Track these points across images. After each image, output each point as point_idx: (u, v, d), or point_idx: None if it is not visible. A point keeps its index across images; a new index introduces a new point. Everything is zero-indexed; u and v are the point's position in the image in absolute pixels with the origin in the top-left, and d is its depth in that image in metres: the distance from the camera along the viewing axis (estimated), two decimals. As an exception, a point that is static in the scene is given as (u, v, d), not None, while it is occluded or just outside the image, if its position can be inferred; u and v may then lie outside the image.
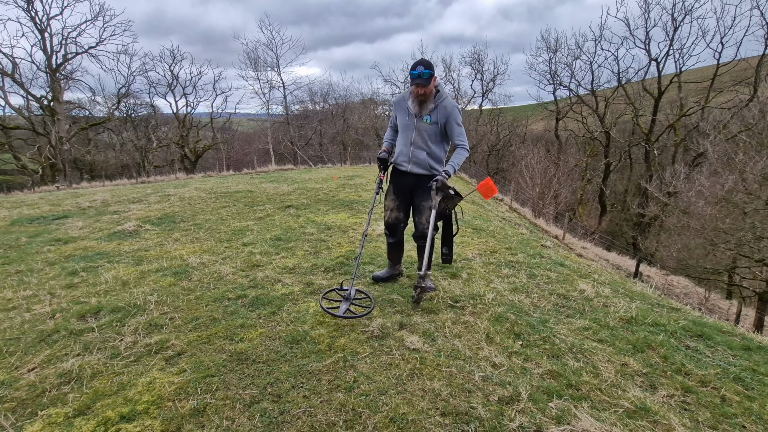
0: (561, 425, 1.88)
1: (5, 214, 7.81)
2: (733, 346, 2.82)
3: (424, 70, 3.02)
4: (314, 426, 1.91)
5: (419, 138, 3.23)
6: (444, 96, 3.18)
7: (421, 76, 3.03)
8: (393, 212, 3.46)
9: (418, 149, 3.25)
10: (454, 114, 3.17)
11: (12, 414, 2.04)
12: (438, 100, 3.15)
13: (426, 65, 3.04)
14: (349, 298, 2.98)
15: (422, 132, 3.21)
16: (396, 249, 3.63)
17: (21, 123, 26.29)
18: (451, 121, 3.17)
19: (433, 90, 3.12)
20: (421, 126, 3.20)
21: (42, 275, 4.15)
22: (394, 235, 3.52)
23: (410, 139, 3.25)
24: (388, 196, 3.51)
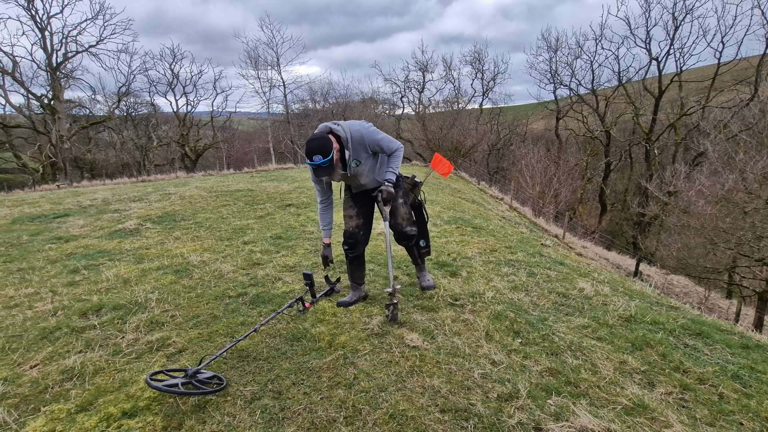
0: (559, 422, 1.89)
1: (6, 212, 7.83)
2: (731, 345, 2.83)
3: (323, 160, 2.62)
4: (314, 422, 1.93)
5: (368, 176, 3.00)
6: (347, 136, 2.78)
7: (321, 167, 2.66)
8: (353, 219, 3.16)
9: (372, 180, 3.03)
10: (373, 139, 2.86)
11: (15, 410, 2.05)
12: (347, 145, 2.79)
13: (322, 152, 2.62)
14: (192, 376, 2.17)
15: (362, 173, 2.96)
16: (358, 266, 3.26)
17: (22, 121, 26.29)
18: (376, 143, 2.88)
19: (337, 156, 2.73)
20: (356, 171, 2.92)
21: (43, 273, 4.17)
22: (354, 247, 3.15)
23: (359, 182, 3.03)
24: (345, 204, 3.22)
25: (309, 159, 2.66)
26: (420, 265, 3.50)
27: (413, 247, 3.38)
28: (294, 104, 35.03)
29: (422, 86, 34.51)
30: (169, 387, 2.03)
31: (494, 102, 36.20)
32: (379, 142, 2.91)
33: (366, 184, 3.08)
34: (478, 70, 35.02)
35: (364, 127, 2.88)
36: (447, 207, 8.01)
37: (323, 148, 2.64)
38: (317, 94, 37.09)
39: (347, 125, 2.85)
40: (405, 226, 3.15)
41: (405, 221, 3.15)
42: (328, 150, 2.64)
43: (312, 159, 2.64)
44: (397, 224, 3.15)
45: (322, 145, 2.64)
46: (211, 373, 2.26)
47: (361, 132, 2.84)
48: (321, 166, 2.65)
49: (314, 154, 2.63)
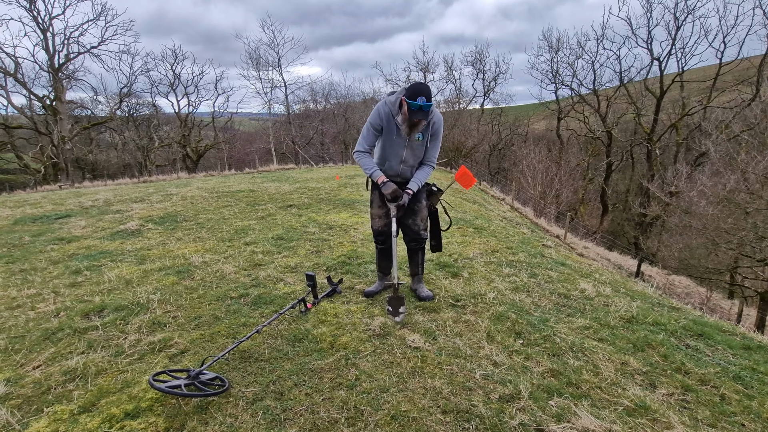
0: (561, 423, 1.89)
1: (8, 213, 7.85)
2: (733, 346, 2.83)
3: (427, 103, 2.71)
4: (316, 423, 1.93)
5: (411, 156, 3.05)
6: (434, 111, 2.93)
7: (423, 110, 2.73)
8: (381, 219, 3.24)
9: (408, 167, 3.11)
10: (440, 131, 3.03)
11: (18, 411, 2.06)
12: (430, 115, 2.89)
13: (428, 95, 2.73)
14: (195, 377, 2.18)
15: (414, 150, 3.03)
16: (386, 257, 3.37)
17: (23, 122, 26.36)
18: (436, 138, 3.02)
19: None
20: (413, 144, 3.00)
21: (46, 274, 4.19)
22: (384, 242, 3.32)
23: (401, 157, 3.05)
24: (374, 204, 3.27)
25: (412, 99, 2.69)
26: (419, 276, 3.40)
27: (419, 252, 3.32)
28: (295, 105, 35.11)
29: (423, 87, 34.44)
30: (171, 388, 2.04)
31: (495, 102, 36.22)
32: (437, 143, 3.07)
33: (404, 167, 3.10)
34: (479, 70, 35.05)
35: (441, 118, 3.03)
36: (447, 207, 8.00)
37: (429, 93, 2.72)
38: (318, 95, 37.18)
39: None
40: (421, 228, 3.23)
41: (422, 223, 3.23)
42: (431, 96, 2.75)
43: (416, 99, 2.68)
44: (414, 224, 3.22)
45: (428, 90, 2.74)
46: (213, 374, 2.27)
47: (441, 118, 3.01)
48: (423, 108, 2.71)
49: (421, 95, 2.69)
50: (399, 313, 2.95)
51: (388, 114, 2.93)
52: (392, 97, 2.94)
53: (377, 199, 3.23)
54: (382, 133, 3.01)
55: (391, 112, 2.92)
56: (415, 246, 3.29)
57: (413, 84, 2.74)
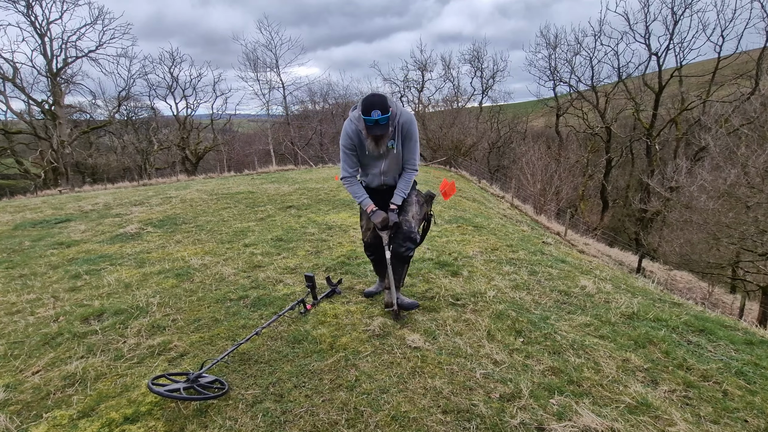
0: (562, 421, 1.88)
1: (8, 218, 7.85)
2: (735, 341, 2.81)
3: (382, 116, 2.52)
4: (316, 425, 1.92)
5: (390, 166, 2.90)
6: (399, 112, 2.72)
7: (379, 123, 2.56)
8: (371, 231, 3.10)
9: (391, 176, 2.96)
10: (412, 131, 2.78)
11: (17, 416, 2.05)
12: (394, 119, 2.69)
13: (382, 108, 2.52)
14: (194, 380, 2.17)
15: (391, 159, 2.87)
16: (381, 265, 3.27)
17: (23, 127, 26.38)
18: (410, 139, 2.80)
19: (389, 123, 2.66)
20: (388, 154, 2.84)
21: (45, 279, 4.18)
22: (374, 253, 3.20)
23: (380, 169, 2.91)
24: (362, 217, 3.17)
25: (366, 114, 2.53)
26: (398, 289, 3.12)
27: (407, 262, 3.09)
28: (293, 105, 35.08)
29: (421, 85, 34.48)
30: (170, 392, 2.03)
31: (494, 100, 36.18)
32: (412, 144, 2.84)
33: (385, 179, 2.95)
34: (477, 68, 34.99)
35: (411, 116, 2.80)
36: (447, 206, 7.99)
37: (383, 105, 2.53)
38: (317, 95, 37.17)
39: (398, 103, 2.77)
40: (414, 225, 2.98)
41: (414, 221, 2.98)
42: (387, 108, 2.54)
43: (370, 114, 2.52)
44: (405, 221, 2.97)
45: (382, 101, 2.54)
46: (212, 377, 2.26)
47: (409, 118, 2.77)
48: (379, 122, 2.54)
49: (374, 109, 2.51)
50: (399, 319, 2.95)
51: (355, 131, 2.78)
52: (356, 112, 2.71)
53: (365, 214, 3.09)
54: (357, 150, 2.87)
55: (357, 128, 2.75)
56: (404, 251, 2.95)
57: (366, 97, 2.58)
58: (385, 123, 2.58)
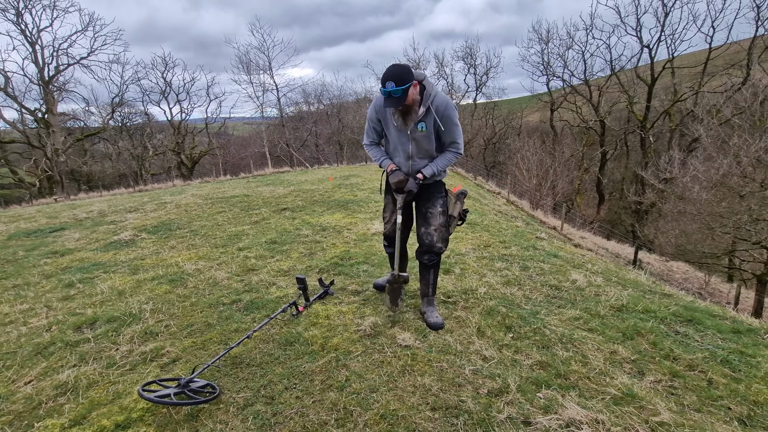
0: (548, 415, 1.91)
1: (2, 228, 7.83)
2: (722, 330, 2.85)
3: (395, 88, 2.42)
4: (306, 426, 1.94)
5: (417, 150, 2.73)
6: (433, 93, 2.59)
7: (392, 96, 2.46)
8: (392, 224, 3.00)
9: (419, 161, 2.77)
10: (449, 113, 2.61)
11: (9, 427, 2.06)
12: (427, 100, 2.58)
13: (397, 79, 2.41)
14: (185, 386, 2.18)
15: (420, 142, 2.70)
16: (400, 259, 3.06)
17: (16, 136, 26.27)
18: (448, 123, 2.62)
19: (416, 96, 2.56)
20: (417, 136, 2.68)
21: (39, 288, 4.18)
22: (392, 246, 3.07)
23: (408, 152, 2.75)
24: (386, 208, 3.03)
25: (382, 84, 2.45)
26: (429, 297, 3.00)
27: (431, 270, 2.94)
28: (288, 107, 35.02)
29: (415, 84, 34.42)
30: (161, 398, 2.04)
31: (488, 96, 36.15)
32: (451, 126, 2.64)
33: (413, 164, 2.79)
34: (471, 65, 34.95)
35: (448, 101, 2.63)
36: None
37: (400, 76, 2.41)
38: (311, 96, 37.12)
39: (435, 86, 2.64)
40: (436, 239, 2.82)
41: (436, 233, 2.81)
42: (404, 79, 2.42)
43: (385, 85, 2.43)
44: (426, 234, 2.82)
45: (399, 72, 2.42)
46: (204, 381, 2.28)
47: (444, 101, 2.60)
48: (392, 94, 2.44)
49: (389, 80, 2.42)
50: (396, 304, 2.93)
51: (380, 106, 2.71)
52: None
53: (390, 203, 3.00)
54: (381, 125, 2.81)
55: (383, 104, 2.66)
56: (426, 261, 2.88)
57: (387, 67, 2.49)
58: (398, 96, 2.46)
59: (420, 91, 2.59)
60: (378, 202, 7.82)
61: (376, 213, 6.90)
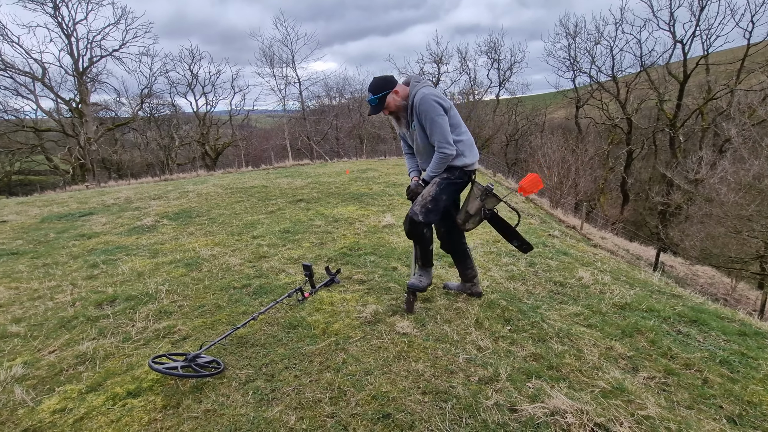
0: (534, 403, 1.95)
1: (37, 212, 8.29)
2: (728, 332, 2.80)
3: (372, 97, 2.70)
4: (301, 402, 2.05)
5: (418, 149, 2.88)
6: (413, 92, 2.68)
7: (370, 104, 2.76)
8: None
9: (424, 161, 2.89)
10: (423, 108, 2.61)
11: (33, 389, 2.25)
12: (410, 99, 2.69)
13: (373, 89, 2.68)
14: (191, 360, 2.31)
15: (419, 141, 2.80)
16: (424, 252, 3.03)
17: (52, 125, 27.50)
18: (427, 119, 2.64)
19: (398, 102, 2.71)
20: (415, 136, 2.81)
21: (66, 267, 4.45)
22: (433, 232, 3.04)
23: (417, 149, 2.91)
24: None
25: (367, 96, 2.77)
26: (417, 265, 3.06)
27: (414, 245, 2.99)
28: (310, 101, 35.36)
29: (437, 78, 34.20)
30: (168, 369, 2.19)
31: (511, 92, 35.57)
32: (427, 120, 2.63)
33: (421, 162, 2.93)
34: (494, 59, 34.44)
35: (424, 95, 2.61)
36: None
37: (375, 86, 2.70)
38: (333, 90, 37.32)
39: (425, 83, 2.73)
40: (417, 204, 2.78)
41: (420, 200, 2.78)
42: (379, 88, 2.68)
43: (367, 95, 2.75)
44: (415, 202, 2.82)
45: (376, 83, 2.71)
46: (210, 357, 2.42)
47: (422, 95, 2.62)
48: (369, 103, 2.75)
49: (369, 90, 2.73)
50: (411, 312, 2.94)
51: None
52: None
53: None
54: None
55: None
56: (409, 230, 2.85)
57: None
58: (375, 104, 2.73)
59: (408, 94, 2.73)
60: (392, 196, 7.88)
61: (389, 206, 6.98)
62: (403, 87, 2.75)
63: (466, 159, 2.80)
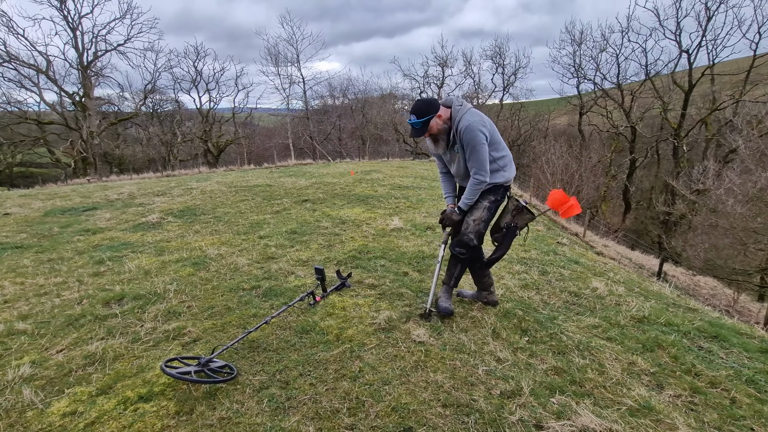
0: (561, 420, 1.89)
1: (40, 205, 8.22)
2: (749, 349, 2.75)
3: (415, 120, 2.65)
4: (318, 412, 1.99)
5: (458, 170, 2.89)
6: (458, 117, 2.69)
7: (414, 127, 2.70)
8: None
9: (462, 180, 2.92)
10: (467, 138, 2.66)
11: (41, 390, 2.19)
12: (455, 124, 2.70)
13: (417, 112, 2.64)
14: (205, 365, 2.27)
15: (459, 164, 2.83)
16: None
17: (55, 118, 27.41)
18: (468, 147, 2.68)
19: (440, 125, 2.72)
20: (455, 157, 2.84)
21: (71, 263, 4.38)
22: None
23: (454, 172, 2.95)
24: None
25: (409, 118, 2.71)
26: (448, 286, 3.05)
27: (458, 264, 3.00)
28: (313, 100, 35.32)
29: (441, 81, 34.16)
30: (182, 374, 2.13)
31: (515, 97, 35.52)
32: (469, 147, 2.68)
33: (461, 182, 2.99)
34: (499, 64, 34.38)
35: (469, 122, 2.64)
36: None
37: (419, 109, 2.65)
38: (336, 90, 37.28)
39: (467, 108, 2.73)
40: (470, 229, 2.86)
41: (473, 223, 2.86)
42: (423, 112, 2.64)
43: (410, 118, 2.69)
44: (466, 222, 2.89)
45: (419, 106, 2.67)
46: (222, 362, 2.35)
47: (467, 122, 2.65)
48: (413, 126, 2.69)
49: (411, 113, 2.68)
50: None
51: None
52: None
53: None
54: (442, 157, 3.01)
55: None
56: (458, 253, 2.93)
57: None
58: (419, 127, 2.69)
59: (450, 117, 2.74)
60: (398, 199, 7.83)
61: (396, 209, 6.92)
62: (445, 110, 2.74)
63: (507, 174, 2.86)
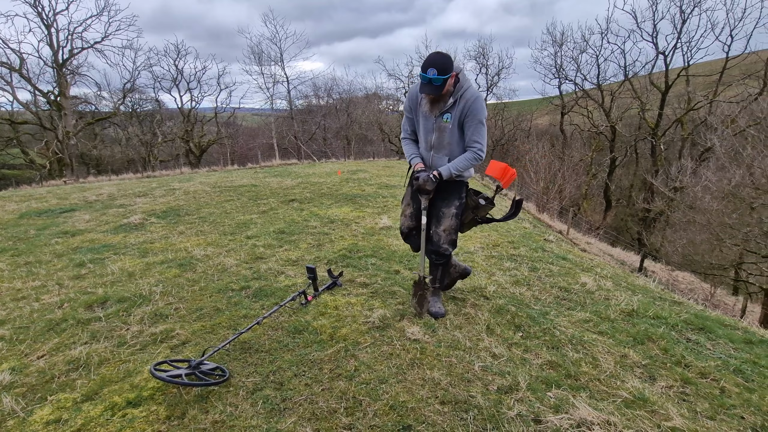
0: (559, 414, 1.90)
1: (14, 207, 7.91)
2: (734, 340, 2.82)
3: (436, 76, 2.39)
4: (315, 413, 1.95)
5: (439, 141, 2.68)
6: (465, 86, 2.56)
7: (432, 84, 2.42)
8: (407, 219, 2.94)
9: (439, 155, 2.72)
10: (475, 108, 2.54)
11: (22, 398, 2.09)
12: (458, 92, 2.55)
13: (440, 68, 2.38)
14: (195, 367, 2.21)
15: (443, 133, 2.65)
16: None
17: (29, 118, 26.48)
18: (473, 118, 2.56)
19: (450, 87, 2.54)
20: (441, 126, 2.63)
21: (50, 266, 4.22)
22: (410, 243, 3.05)
23: (430, 142, 2.71)
24: (404, 199, 2.98)
25: (423, 70, 2.41)
26: (434, 288, 3.00)
27: (438, 267, 2.93)
28: (297, 100, 35.02)
29: (426, 81, 34.26)
30: (172, 377, 2.06)
31: (499, 97, 35.96)
32: (475, 123, 2.56)
33: (435, 156, 2.73)
34: (483, 65, 34.76)
35: (478, 95, 2.57)
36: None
37: (444, 65, 2.39)
38: (321, 90, 37.07)
39: (471, 82, 2.62)
40: (443, 241, 2.79)
41: (444, 234, 2.79)
42: (448, 69, 2.40)
43: (426, 71, 2.39)
44: (435, 234, 2.80)
45: (443, 61, 2.40)
46: (214, 364, 2.29)
47: (474, 95, 2.55)
48: (432, 82, 2.41)
49: (431, 67, 2.39)
50: (423, 309, 2.89)
51: (415, 91, 2.70)
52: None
53: (408, 195, 2.95)
54: (414, 114, 2.77)
55: (416, 92, 2.69)
56: (434, 259, 2.88)
57: (430, 53, 2.46)
58: (438, 84, 2.43)
59: (454, 83, 2.56)
60: (386, 198, 7.81)
61: (384, 208, 6.90)
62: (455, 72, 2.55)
63: (472, 170, 2.83)
